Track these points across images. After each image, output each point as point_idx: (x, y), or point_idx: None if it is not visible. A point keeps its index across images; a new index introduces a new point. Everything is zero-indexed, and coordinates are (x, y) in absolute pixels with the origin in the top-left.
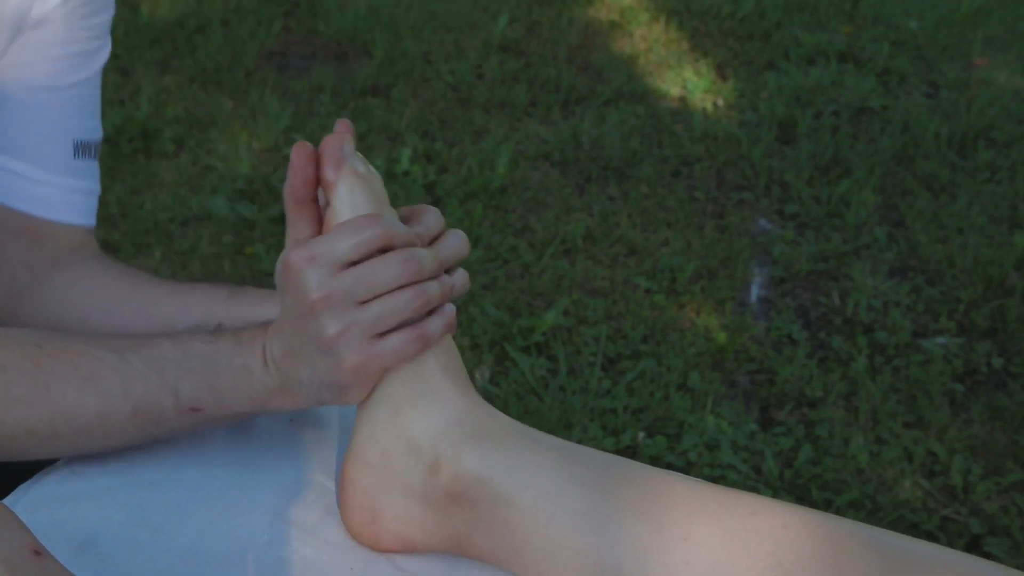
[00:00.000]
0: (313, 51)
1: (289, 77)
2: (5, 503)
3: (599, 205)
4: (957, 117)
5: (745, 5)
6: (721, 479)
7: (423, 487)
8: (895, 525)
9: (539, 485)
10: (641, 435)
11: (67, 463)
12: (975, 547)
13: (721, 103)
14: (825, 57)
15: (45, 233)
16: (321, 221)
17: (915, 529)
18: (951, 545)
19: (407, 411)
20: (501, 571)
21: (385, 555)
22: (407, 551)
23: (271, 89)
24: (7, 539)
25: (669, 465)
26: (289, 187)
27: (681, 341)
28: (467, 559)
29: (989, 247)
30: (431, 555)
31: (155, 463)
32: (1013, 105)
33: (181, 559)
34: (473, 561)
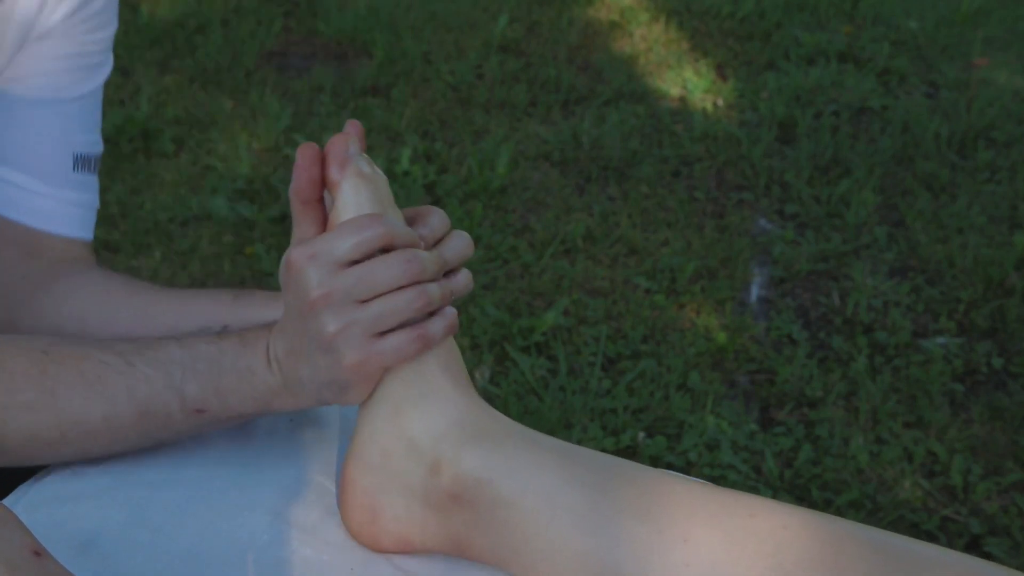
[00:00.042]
0: (313, 51)
1: (289, 77)
2: (5, 503)
3: (599, 205)
4: (957, 117)
5: (745, 5)
6: (721, 479)
7: (423, 488)
8: (895, 525)
9: (539, 487)
10: (641, 435)
11: (67, 463)
12: (975, 547)
13: (721, 103)
14: (825, 57)
15: (43, 245)
16: (326, 221)
17: (915, 529)
18: (951, 545)
19: (408, 412)
20: (501, 572)
21: (385, 555)
22: (407, 552)
23: (271, 89)
24: (7, 540)
25: (669, 465)
26: (294, 187)
27: (681, 341)
28: (467, 560)
29: (989, 247)
30: (431, 556)
31: (155, 463)
32: (1013, 105)
33: (181, 559)
34: (473, 562)
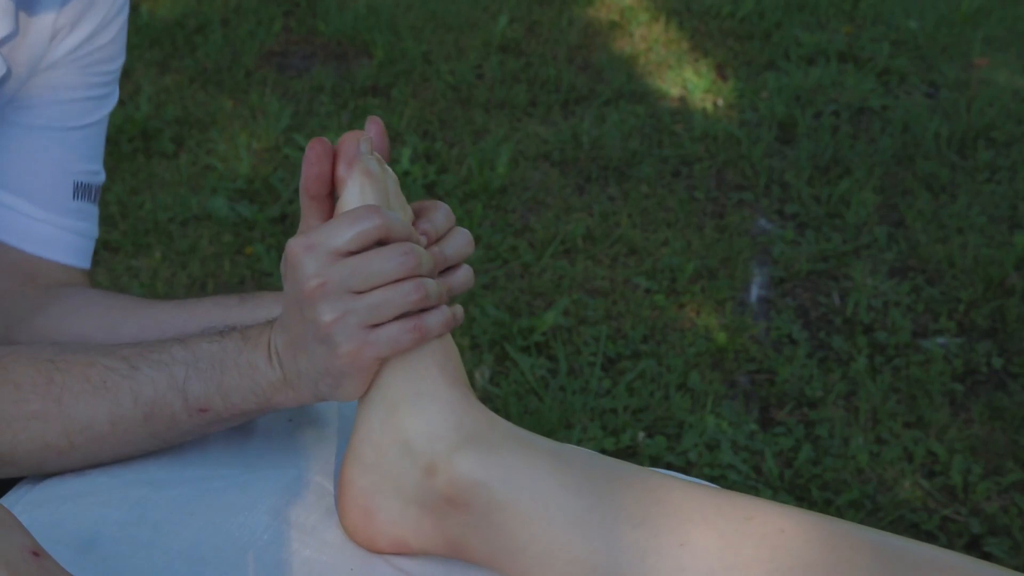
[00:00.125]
0: (313, 51)
1: (289, 77)
2: (5, 503)
3: (599, 205)
4: (957, 117)
5: (745, 5)
6: (721, 479)
7: (417, 489)
8: (895, 525)
9: (535, 490)
10: (641, 435)
11: None
12: (975, 547)
13: (721, 103)
14: (825, 57)
15: (39, 271)
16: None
17: (915, 529)
18: (951, 545)
19: (403, 412)
20: (497, 575)
21: (383, 556)
22: (402, 553)
23: (271, 89)
24: (6, 540)
25: (669, 465)
26: (302, 182)
27: (681, 341)
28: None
29: (989, 247)
30: (430, 557)
31: (155, 463)
32: (1013, 105)
33: (181, 558)
34: (471, 564)
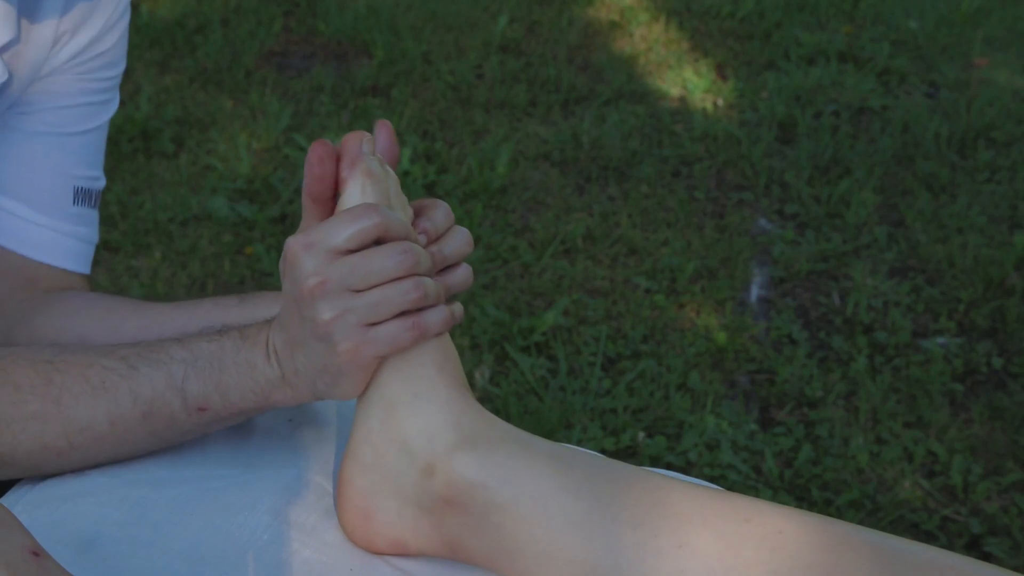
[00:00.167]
0: (313, 51)
1: (289, 77)
2: (5, 503)
3: (599, 205)
4: (957, 117)
5: (745, 5)
6: (721, 479)
7: (416, 490)
8: (895, 525)
9: (533, 492)
10: (641, 435)
11: None
12: (975, 547)
13: (721, 103)
14: (825, 57)
15: (39, 275)
16: None
17: (915, 529)
18: (951, 545)
19: (402, 412)
20: None
21: (383, 557)
22: (400, 554)
23: (271, 89)
24: (6, 540)
25: (669, 465)
26: (304, 184)
27: (681, 341)
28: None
29: (989, 247)
30: (429, 557)
31: (155, 462)
32: (1013, 105)
33: (181, 558)
34: (470, 565)
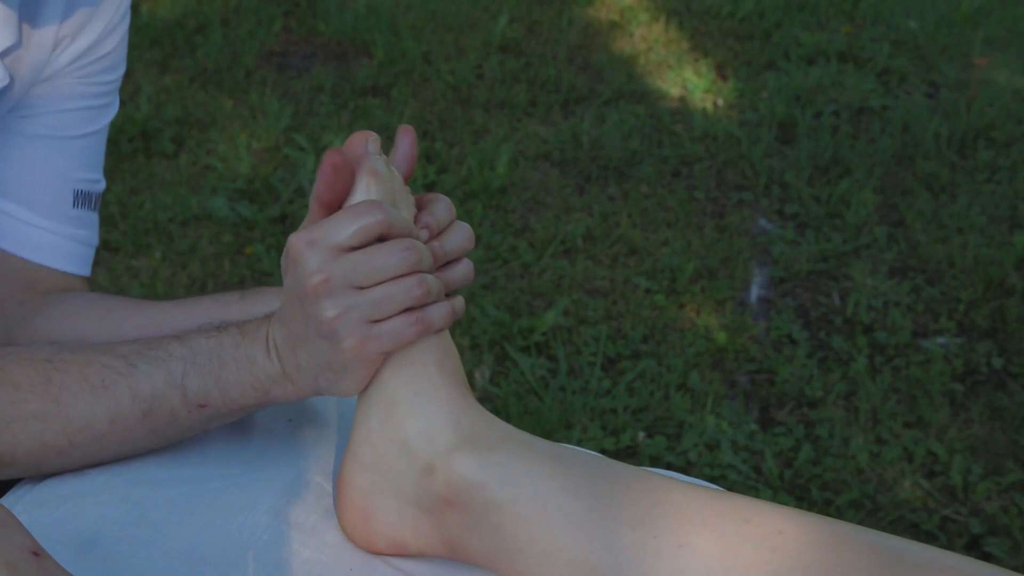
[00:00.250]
0: (313, 51)
1: (289, 77)
2: (5, 503)
3: (599, 205)
4: (957, 117)
5: (745, 5)
6: (721, 479)
7: (415, 490)
8: (895, 525)
9: (533, 492)
10: (641, 435)
11: None
12: (975, 547)
13: (721, 103)
14: (825, 57)
15: (39, 278)
16: None
17: (915, 529)
18: (951, 545)
19: (402, 412)
20: None
21: (383, 557)
22: (400, 554)
23: (271, 89)
24: (6, 540)
25: (669, 465)
26: (315, 189)
27: (681, 341)
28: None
29: (989, 247)
30: (429, 557)
31: (154, 462)
32: (1013, 105)
33: (181, 558)
34: (470, 565)
